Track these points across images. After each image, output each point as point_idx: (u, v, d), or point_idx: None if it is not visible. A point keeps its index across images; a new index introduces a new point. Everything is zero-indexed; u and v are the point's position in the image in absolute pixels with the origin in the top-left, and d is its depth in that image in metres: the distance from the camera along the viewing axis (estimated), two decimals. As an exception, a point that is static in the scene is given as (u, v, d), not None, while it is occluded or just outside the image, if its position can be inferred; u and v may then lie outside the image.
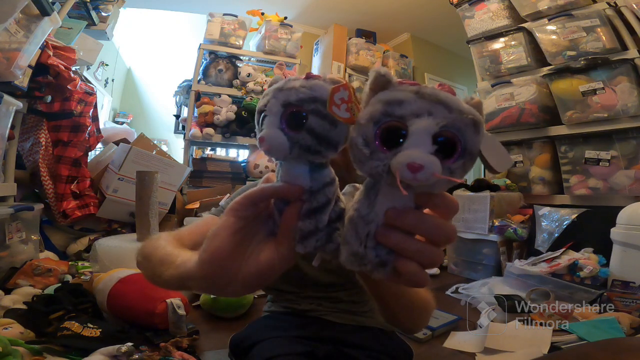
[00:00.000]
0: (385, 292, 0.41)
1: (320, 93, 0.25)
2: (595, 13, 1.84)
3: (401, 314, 0.46)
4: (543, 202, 1.95)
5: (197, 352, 0.98)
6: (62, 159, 1.73)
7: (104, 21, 2.34)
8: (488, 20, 2.33)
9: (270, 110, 0.26)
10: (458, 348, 1.11)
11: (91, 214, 1.79)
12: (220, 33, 2.75)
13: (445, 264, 2.14)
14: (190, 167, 2.43)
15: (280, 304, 0.73)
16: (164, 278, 0.37)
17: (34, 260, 1.35)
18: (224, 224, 0.28)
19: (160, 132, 4.71)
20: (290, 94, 0.25)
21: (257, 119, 0.28)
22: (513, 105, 2.11)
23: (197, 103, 2.62)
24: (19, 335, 0.86)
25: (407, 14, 3.44)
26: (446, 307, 1.37)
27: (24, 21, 1.28)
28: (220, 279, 0.28)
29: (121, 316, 1.03)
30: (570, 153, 1.91)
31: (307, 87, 0.25)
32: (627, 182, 1.70)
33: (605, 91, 1.76)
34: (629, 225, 1.38)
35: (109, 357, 0.77)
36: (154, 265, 0.41)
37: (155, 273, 0.40)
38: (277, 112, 0.25)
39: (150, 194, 1.50)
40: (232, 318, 1.29)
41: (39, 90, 1.55)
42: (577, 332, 1.05)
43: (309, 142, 0.25)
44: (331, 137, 0.25)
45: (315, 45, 3.56)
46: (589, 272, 1.38)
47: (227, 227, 0.28)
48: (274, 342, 0.60)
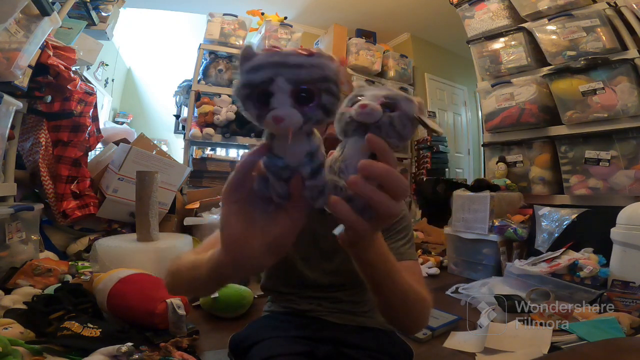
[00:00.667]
0: (378, 275, 0.41)
1: (330, 72, 0.27)
2: (595, 13, 1.84)
3: (396, 304, 0.45)
4: (543, 202, 1.95)
5: (197, 352, 0.98)
6: (62, 159, 1.73)
7: (104, 21, 2.34)
8: (488, 20, 2.34)
9: (279, 88, 0.26)
10: (458, 348, 1.11)
11: (91, 214, 1.79)
12: (220, 33, 2.75)
13: (445, 264, 2.15)
14: (190, 167, 2.43)
15: (280, 304, 0.73)
16: (201, 279, 0.39)
17: (34, 260, 1.35)
18: (226, 212, 0.32)
19: (160, 132, 4.71)
20: (300, 72, 0.26)
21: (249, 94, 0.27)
22: (513, 105, 2.12)
23: (197, 103, 2.62)
24: (19, 335, 0.86)
25: (407, 14, 3.44)
26: (446, 307, 1.37)
27: (24, 21, 1.28)
28: (245, 259, 0.32)
29: (121, 316, 1.03)
30: (570, 153, 1.91)
31: (317, 66, 0.26)
32: (627, 182, 1.70)
33: (605, 91, 1.76)
34: (629, 225, 1.38)
35: (109, 357, 0.77)
36: (187, 275, 0.43)
37: (190, 281, 0.43)
38: (287, 90, 0.26)
39: (150, 194, 1.50)
40: (232, 318, 1.29)
41: (39, 90, 1.56)
42: (577, 332, 1.05)
43: (320, 117, 0.28)
44: (335, 109, 0.29)
45: (315, 45, 3.56)
46: (589, 272, 1.38)
47: (230, 214, 0.31)
48: (274, 342, 0.60)
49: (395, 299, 0.44)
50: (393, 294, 0.43)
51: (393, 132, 0.30)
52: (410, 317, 0.48)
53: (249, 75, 0.26)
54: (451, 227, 2.08)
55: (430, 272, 2.02)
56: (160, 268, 1.34)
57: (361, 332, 0.66)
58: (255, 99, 0.26)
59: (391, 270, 0.41)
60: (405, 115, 0.30)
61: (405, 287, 0.44)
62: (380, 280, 0.41)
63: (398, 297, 0.44)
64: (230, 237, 0.32)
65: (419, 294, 0.47)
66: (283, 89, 0.26)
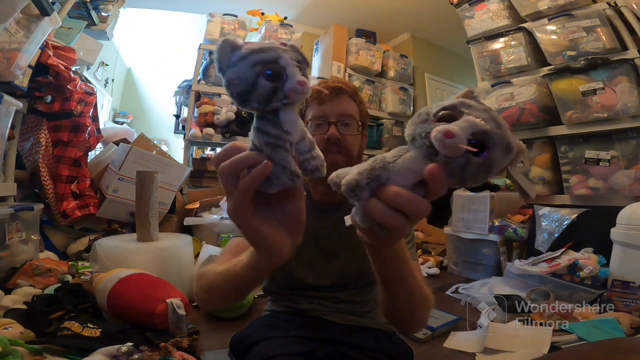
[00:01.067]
0: (390, 270, 0.42)
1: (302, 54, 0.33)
2: (595, 13, 1.84)
3: (402, 301, 0.46)
4: (543, 202, 1.94)
5: (197, 352, 0.97)
6: (62, 159, 1.73)
7: (104, 21, 2.34)
8: (488, 20, 2.33)
9: (288, 62, 0.29)
10: (458, 348, 1.11)
11: (91, 214, 1.79)
12: (220, 33, 2.75)
13: (445, 264, 2.15)
14: (190, 167, 2.43)
15: (281, 303, 0.73)
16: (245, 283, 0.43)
17: (34, 260, 1.34)
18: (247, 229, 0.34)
19: (160, 132, 4.71)
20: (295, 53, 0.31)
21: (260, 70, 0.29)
22: (513, 105, 2.11)
23: (197, 103, 2.61)
24: (19, 335, 0.86)
25: (407, 14, 3.43)
26: (446, 307, 1.37)
27: (24, 21, 1.28)
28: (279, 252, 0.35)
29: (121, 316, 1.03)
30: (570, 153, 1.91)
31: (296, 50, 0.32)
32: (627, 182, 1.70)
33: (605, 91, 1.76)
34: (629, 225, 1.38)
35: (109, 357, 0.77)
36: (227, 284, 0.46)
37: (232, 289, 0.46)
38: (294, 64, 0.30)
39: (150, 194, 1.50)
40: (232, 318, 1.29)
41: (39, 90, 1.55)
42: (577, 332, 1.05)
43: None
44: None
45: (315, 45, 3.56)
46: (589, 272, 1.38)
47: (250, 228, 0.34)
48: (274, 342, 0.60)
49: (404, 295, 0.45)
50: (403, 290, 0.44)
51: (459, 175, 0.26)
52: (414, 315, 0.49)
53: (256, 55, 0.29)
54: (451, 227, 2.08)
55: (430, 272, 2.02)
56: (160, 268, 1.34)
57: (361, 332, 0.66)
58: (266, 75, 0.29)
59: (406, 267, 0.42)
60: (488, 165, 0.25)
61: (413, 285, 0.45)
62: (394, 276, 0.42)
63: (407, 293, 0.45)
64: (262, 243, 0.35)
65: (423, 293, 0.48)
66: (291, 63, 0.29)
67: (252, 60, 0.29)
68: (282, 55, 0.29)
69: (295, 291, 0.71)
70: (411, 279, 0.44)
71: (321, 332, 0.64)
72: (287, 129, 0.31)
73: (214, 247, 1.71)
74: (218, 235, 1.95)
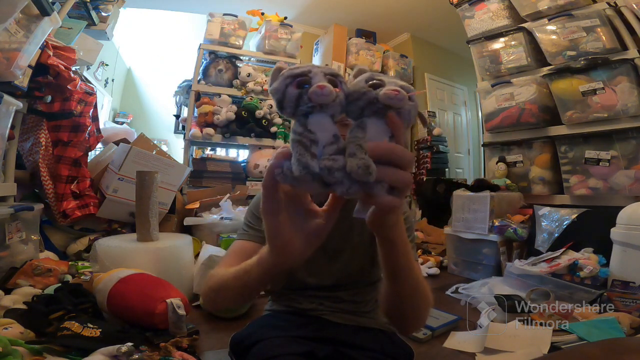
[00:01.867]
0: (399, 258, 0.43)
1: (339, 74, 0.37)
2: (595, 13, 1.84)
3: (406, 295, 0.47)
4: (543, 202, 1.95)
5: (197, 352, 0.98)
6: (62, 159, 1.73)
7: (104, 21, 2.34)
8: (488, 20, 2.34)
9: (315, 74, 0.33)
10: (458, 348, 1.11)
11: (91, 214, 1.79)
12: (220, 33, 2.75)
13: (445, 264, 2.15)
14: (190, 167, 2.43)
15: (281, 303, 0.73)
16: (253, 283, 0.45)
17: (34, 260, 1.34)
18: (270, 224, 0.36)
19: (160, 132, 4.71)
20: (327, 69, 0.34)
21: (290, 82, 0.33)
22: (513, 105, 2.12)
23: (197, 103, 2.62)
24: (19, 335, 0.86)
25: (407, 14, 3.44)
26: (446, 307, 1.37)
27: (24, 21, 1.28)
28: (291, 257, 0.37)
29: (121, 316, 1.03)
30: (570, 153, 1.91)
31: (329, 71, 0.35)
32: (627, 182, 1.70)
33: (605, 91, 1.76)
34: (629, 225, 1.38)
35: (109, 357, 0.77)
36: (236, 284, 0.48)
37: (241, 289, 0.47)
38: (322, 75, 0.33)
39: (150, 194, 1.50)
40: (232, 318, 1.29)
41: (39, 90, 1.55)
42: (577, 332, 1.05)
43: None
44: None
45: (315, 45, 3.56)
46: (589, 272, 1.38)
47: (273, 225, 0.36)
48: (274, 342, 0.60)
49: (409, 289, 0.46)
50: (408, 282, 0.45)
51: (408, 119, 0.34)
52: (415, 312, 0.50)
53: (289, 72, 0.34)
54: (451, 227, 2.08)
55: (430, 272, 2.02)
56: (160, 268, 1.34)
57: (362, 332, 0.66)
58: (295, 84, 0.33)
59: (410, 255, 0.44)
60: (416, 107, 0.35)
61: (417, 278, 0.47)
62: (401, 264, 0.43)
63: (411, 286, 0.46)
64: (277, 241, 0.37)
65: (425, 290, 0.49)
66: (319, 75, 0.33)
67: (285, 75, 0.34)
68: (312, 69, 0.33)
69: (295, 291, 0.71)
70: (416, 272, 0.46)
71: (321, 332, 0.64)
72: (311, 128, 0.33)
73: (214, 247, 1.71)
74: (218, 235, 1.95)
